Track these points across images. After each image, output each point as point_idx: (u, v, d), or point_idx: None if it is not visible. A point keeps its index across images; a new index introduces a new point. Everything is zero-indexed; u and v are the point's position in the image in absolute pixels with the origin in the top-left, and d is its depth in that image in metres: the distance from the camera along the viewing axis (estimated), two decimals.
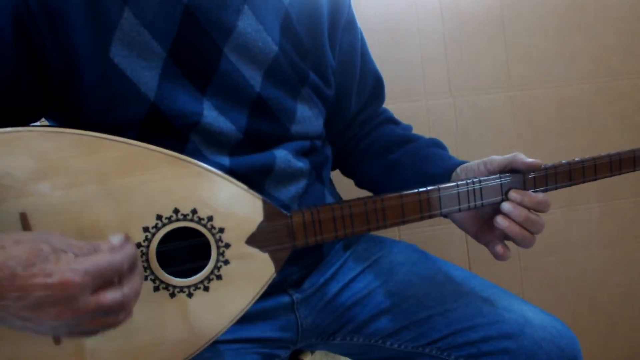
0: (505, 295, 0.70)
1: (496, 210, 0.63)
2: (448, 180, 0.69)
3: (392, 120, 0.84)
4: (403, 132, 0.81)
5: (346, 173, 0.87)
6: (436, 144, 0.77)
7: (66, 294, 0.41)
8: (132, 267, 0.47)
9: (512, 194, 0.62)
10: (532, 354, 0.64)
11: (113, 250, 0.46)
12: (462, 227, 0.70)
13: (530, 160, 0.62)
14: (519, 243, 0.62)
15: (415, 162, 0.74)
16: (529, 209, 0.61)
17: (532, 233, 0.62)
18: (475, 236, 0.68)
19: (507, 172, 0.63)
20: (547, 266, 1.25)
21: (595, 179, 0.66)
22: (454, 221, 0.70)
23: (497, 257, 0.65)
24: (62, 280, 0.41)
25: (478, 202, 0.62)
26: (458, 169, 0.68)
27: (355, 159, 0.82)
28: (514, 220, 0.61)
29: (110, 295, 0.44)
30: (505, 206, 0.62)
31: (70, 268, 0.42)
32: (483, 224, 0.67)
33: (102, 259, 0.44)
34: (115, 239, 0.47)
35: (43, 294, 0.41)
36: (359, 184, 0.85)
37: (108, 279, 0.44)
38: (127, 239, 0.48)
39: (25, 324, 0.42)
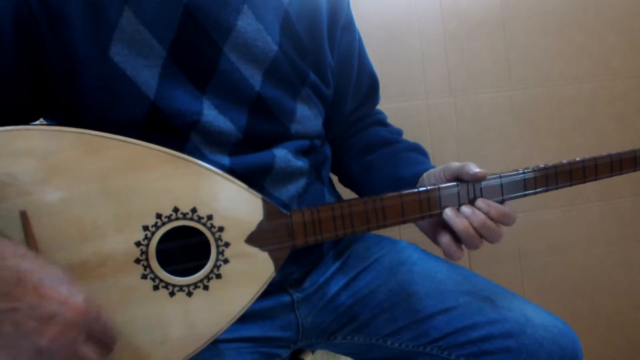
0: (506, 294, 0.70)
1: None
2: (414, 185, 0.68)
3: (381, 123, 0.84)
4: (387, 134, 0.81)
5: (332, 170, 0.87)
6: (415, 149, 0.77)
7: (75, 319, 0.43)
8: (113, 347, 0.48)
9: (479, 203, 0.60)
10: (533, 353, 0.64)
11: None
12: (422, 230, 0.68)
13: (475, 171, 0.60)
14: (467, 245, 0.61)
15: (389, 165, 0.75)
16: (493, 220, 0.60)
17: (490, 241, 0.60)
18: (434, 239, 0.66)
19: (457, 180, 0.62)
20: (548, 265, 1.25)
21: (596, 179, 0.65)
22: (417, 224, 0.69)
23: (449, 255, 0.62)
24: (80, 305, 0.44)
25: None
26: (424, 175, 0.68)
27: (337, 157, 0.82)
28: (471, 224, 0.60)
29: (95, 355, 0.45)
30: (465, 209, 0.60)
31: (88, 300, 0.45)
32: (439, 226, 0.65)
33: (110, 321, 0.47)
34: None
35: (57, 309, 0.42)
36: (341, 182, 0.85)
37: (102, 338, 0.46)
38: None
39: (17, 339, 0.42)
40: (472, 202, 0.61)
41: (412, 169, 0.71)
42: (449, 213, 0.60)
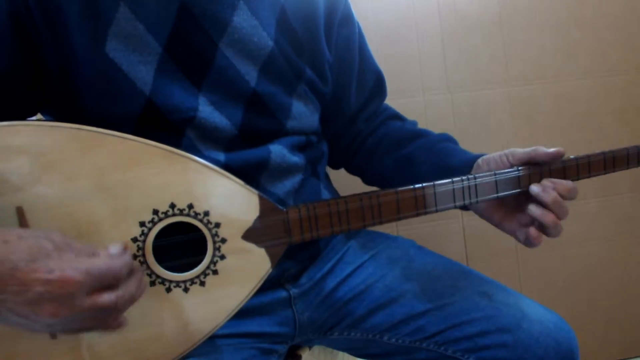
0: (502, 290, 0.70)
1: (520, 198, 0.63)
2: (469, 172, 0.68)
3: (397, 117, 0.84)
4: (412, 127, 0.81)
5: (353, 171, 0.86)
6: (449, 139, 0.77)
7: (65, 291, 0.42)
8: (129, 274, 0.48)
9: (545, 182, 0.61)
10: (529, 348, 0.64)
11: (112, 256, 0.47)
12: (484, 216, 0.68)
13: (552, 150, 0.61)
14: (549, 231, 0.61)
15: (432, 156, 0.74)
16: (563, 197, 0.60)
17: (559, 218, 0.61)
18: (500, 225, 0.67)
19: (528, 164, 0.63)
20: (545, 261, 1.26)
21: (589, 177, 0.65)
22: (475, 211, 0.69)
23: (530, 241, 0.62)
24: (63, 277, 0.42)
25: (473, 199, 0.62)
26: (479, 161, 0.68)
27: (363, 156, 0.82)
28: (543, 205, 0.60)
29: (106, 297, 0.45)
30: (535, 189, 0.61)
31: (71, 266, 0.43)
32: (507, 212, 0.66)
33: (102, 263, 0.45)
34: (114, 248, 0.48)
35: (42, 290, 0.42)
36: (368, 181, 0.85)
37: (106, 282, 0.45)
38: (125, 248, 0.49)
39: (21, 320, 0.43)
40: (465, 200, 0.61)
41: (462, 158, 0.70)
42: (535, 188, 0.60)
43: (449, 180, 0.61)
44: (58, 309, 0.42)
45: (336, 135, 0.81)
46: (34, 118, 0.64)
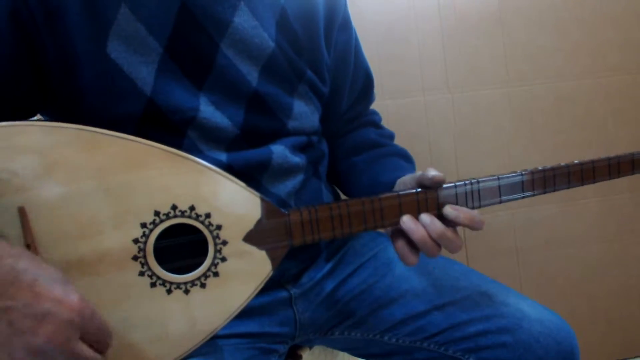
0: (502, 290, 0.71)
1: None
2: (390, 190, 0.68)
3: (374, 124, 0.84)
4: (376, 137, 0.80)
5: None
6: (401, 155, 0.77)
7: (70, 318, 0.43)
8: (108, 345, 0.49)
9: (448, 209, 0.58)
10: (530, 348, 0.64)
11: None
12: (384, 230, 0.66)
13: (432, 174, 0.58)
14: (424, 252, 0.59)
15: (371, 168, 0.75)
16: (464, 225, 0.58)
17: (450, 251, 0.59)
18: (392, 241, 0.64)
19: (422, 187, 0.60)
20: (545, 261, 1.26)
21: (594, 182, 0.64)
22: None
23: (402, 259, 0.61)
24: (75, 304, 0.44)
25: (476, 204, 0.61)
26: (398, 181, 0.67)
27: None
28: (428, 234, 0.57)
29: (90, 353, 0.46)
30: (424, 218, 0.58)
31: (84, 300, 0.45)
32: (397, 230, 0.63)
33: (104, 320, 0.47)
34: None
35: (52, 307, 0.43)
36: (327, 178, 0.85)
37: (97, 337, 0.46)
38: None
39: (12, 338, 0.42)
40: (468, 204, 0.60)
41: (391, 175, 0.70)
42: (406, 221, 0.58)
43: (452, 184, 0.60)
44: (55, 333, 0.42)
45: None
46: (34, 119, 0.64)
